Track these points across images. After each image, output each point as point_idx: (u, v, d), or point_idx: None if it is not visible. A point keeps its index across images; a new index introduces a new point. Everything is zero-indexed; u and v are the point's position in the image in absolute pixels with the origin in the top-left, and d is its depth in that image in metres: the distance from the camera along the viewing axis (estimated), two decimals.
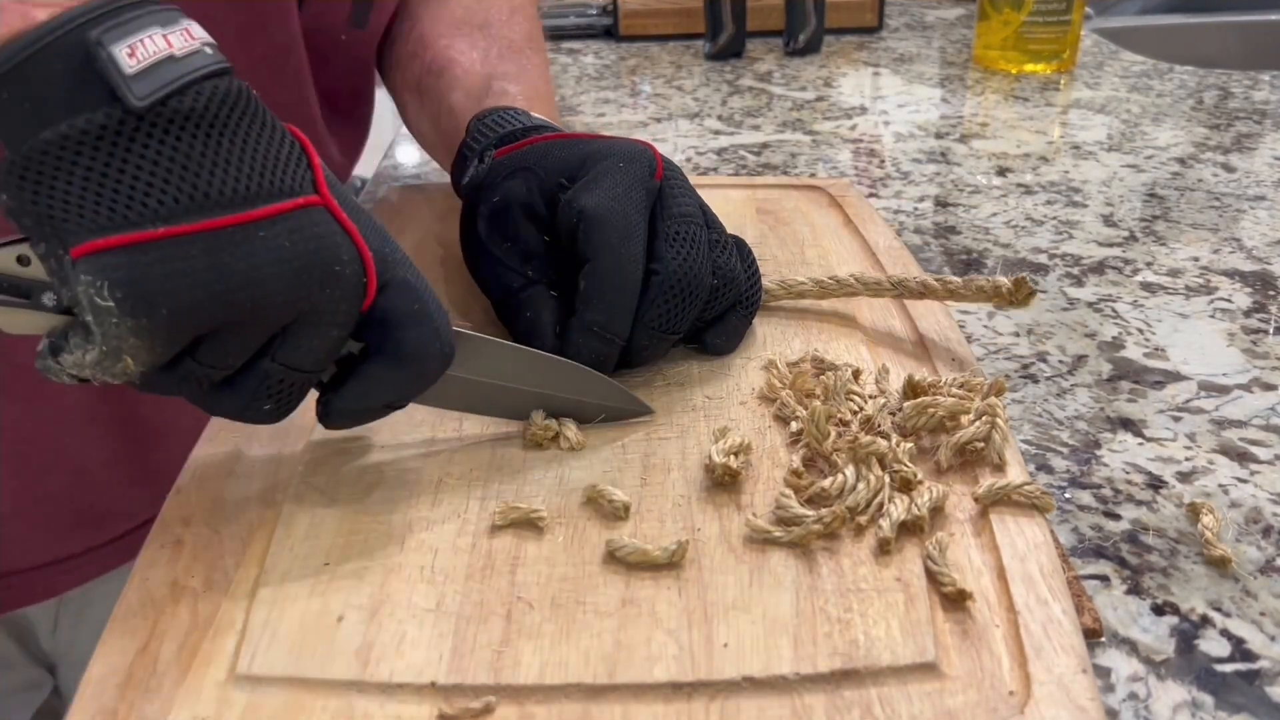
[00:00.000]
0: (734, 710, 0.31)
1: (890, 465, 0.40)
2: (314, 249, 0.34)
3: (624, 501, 0.39)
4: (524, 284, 0.48)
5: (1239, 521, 0.42)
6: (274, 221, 0.33)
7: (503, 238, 0.49)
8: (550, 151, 0.50)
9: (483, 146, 0.53)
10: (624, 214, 0.45)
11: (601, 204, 0.45)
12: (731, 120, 0.95)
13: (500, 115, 0.56)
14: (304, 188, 0.35)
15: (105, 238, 0.31)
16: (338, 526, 0.39)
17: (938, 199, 0.76)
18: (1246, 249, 0.66)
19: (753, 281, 0.50)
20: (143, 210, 0.31)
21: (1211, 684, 0.35)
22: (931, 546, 0.36)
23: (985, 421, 0.41)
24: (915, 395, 0.43)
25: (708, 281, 0.46)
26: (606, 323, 0.44)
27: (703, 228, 0.47)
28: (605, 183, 0.46)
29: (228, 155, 0.33)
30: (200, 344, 0.34)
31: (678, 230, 0.46)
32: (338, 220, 0.35)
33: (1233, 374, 0.52)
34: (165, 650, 0.33)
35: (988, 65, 1.10)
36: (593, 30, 1.28)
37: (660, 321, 0.45)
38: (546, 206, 0.48)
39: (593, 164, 0.48)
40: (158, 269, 0.31)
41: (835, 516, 0.37)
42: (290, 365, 0.36)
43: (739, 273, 0.48)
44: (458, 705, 0.31)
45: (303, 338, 0.35)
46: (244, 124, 0.34)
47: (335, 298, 0.35)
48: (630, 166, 0.47)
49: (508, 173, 0.50)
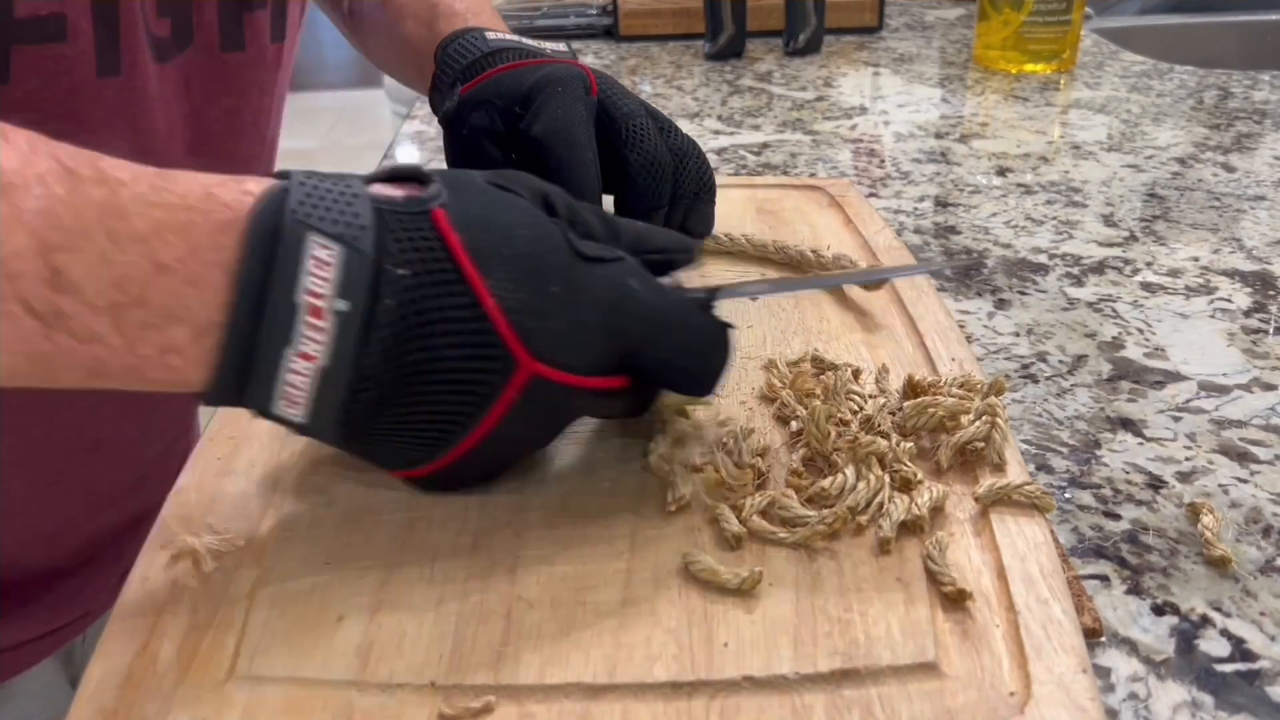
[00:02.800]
0: (734, 710, 0.31)
1: (890, 465, 0.40)
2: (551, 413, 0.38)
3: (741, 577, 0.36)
4: None
5: (1239, 521, 0.42)
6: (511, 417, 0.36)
7: (476, 163, 0.55)
8: (503, 83, 0.56)
9: (451, 79, 0.59)
10: (568, 130, 0.52)
11: (547, 126, 0.52)
12: (731, 120, 0.95)
13: (460, 43, 0.60)
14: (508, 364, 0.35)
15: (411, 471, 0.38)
16: (338, 526, 0.39)
17: (938, 199, 0.76)
18: (1246, 249, 0.66)
19: (704, 162, 0.57)
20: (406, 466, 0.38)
21: (1211, 684, 0.35)
22: (931, 546, 0.36)
23: (985, 421, 0.41)
24: (915, 395, 0.43)
25: (668, 155, 0.54)
26: None
27: (649, 117, 0.55)
28: (549, 107, 0.53)
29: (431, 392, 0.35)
30: None
31: (630, 125, 0.54)
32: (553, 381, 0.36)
33: (1233, 374, 0.52)
34: (165, 650, 0.33)
35: (988, 65, 1.10)
36: (593, 30, 1.28)
37: (646, 202, 0.53)
38: (507, 130, 0.55)
39: (537, 91, 0.54)
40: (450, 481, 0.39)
41: (838, 517, 0.37)
42: None
43: (694, 146, 0.57)
44: (457, 705, 0.31)
45: None
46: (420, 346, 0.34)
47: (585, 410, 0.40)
48: (567, 88, 0.54)
49: (472, 107, 0.56)
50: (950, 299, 0.60)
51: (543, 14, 1.27)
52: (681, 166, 0.56)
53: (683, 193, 0.56)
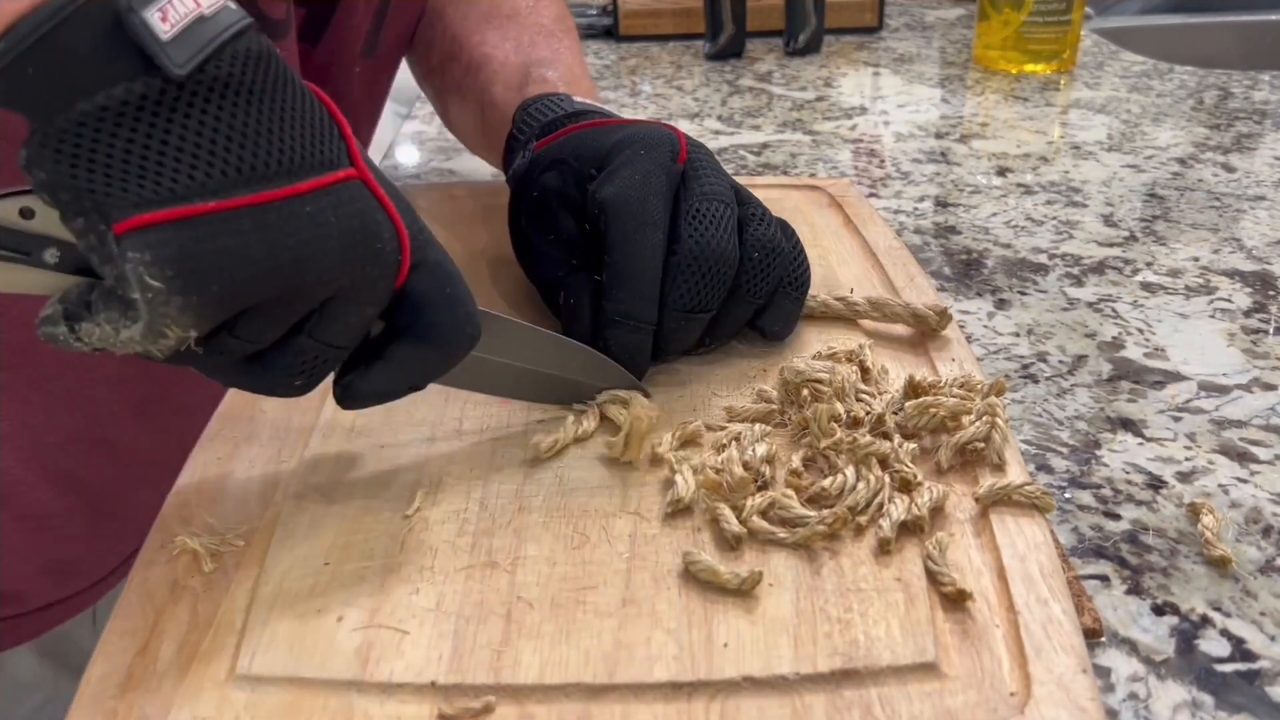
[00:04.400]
0: (734, 710, 0.31)
1: (891, 465, 0.40)
2: (358, 225, 0.34)
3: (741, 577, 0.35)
4: (567, 272, 0.48)
5: (1239, 521, 0.42)
6: (319, 195, 0.33)
7: (544, 229, 0.50)
8: (581, 142, 0.51)
9: (526, 137, 0.54)
10: (641, 200, 0.45)
11: (617, 194, 0.46)
12: (731, 120, 0.95)
13: (543, 103, 0.56)
14: (340, 159, 0.34)
15: (153, 212, 0.30)
16: (338, 526, 0.39)
17: (938, 199, 0.76)
18: (1246, 249, 0.66)
19: (798, 258, 0.49)
20: (189, 183, 0.30)
21: (1211, 684, 0.35)
22: (931, 546, 0.36)
23: (985, 422, 0.41)
24: (916, 395, 0.43)
25: (732, 255, 0.45)
26: (629, 311, 0.45)
27: (728, 205, 0.47)
28: (624, 172, 0.47)
29: (269, 123, 0.32)
30: (239, 319, 0.33)
31: (699, 208, 0.46)
32: (375, 195, 0.35)
33: (1233, 374, 0.52)
34: (165, 650, 0.33)
35: (988, 65, 1.10)
36: (593, 30, 1.28)
37: (684, 301, 0.45)
38: (582, 196, 0.49)
39: (617, 153, 0.48)
40: (209, 244, 0.31)
41: (837, 518, 0.37)
42: (325, 341, 0.35)
43: (780, 243, 0.48)
44: (458, 705, 0.31)
45: (340, 314, 0.35)
46: (279, 87, 0.33)
47: (374, 275, 0.35)
48: (651, 152, 0.47)
49: (545, 166, 0.51)
50: (950, 299, 0.60)
51: None
52: (767, 263, 0.47)
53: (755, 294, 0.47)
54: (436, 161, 0.87)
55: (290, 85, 0.33)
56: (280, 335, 0.35)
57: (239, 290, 0.32)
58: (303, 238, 0.32)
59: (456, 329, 0.37)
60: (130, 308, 0.31)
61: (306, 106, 0.34)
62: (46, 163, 0.30)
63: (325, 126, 0.34)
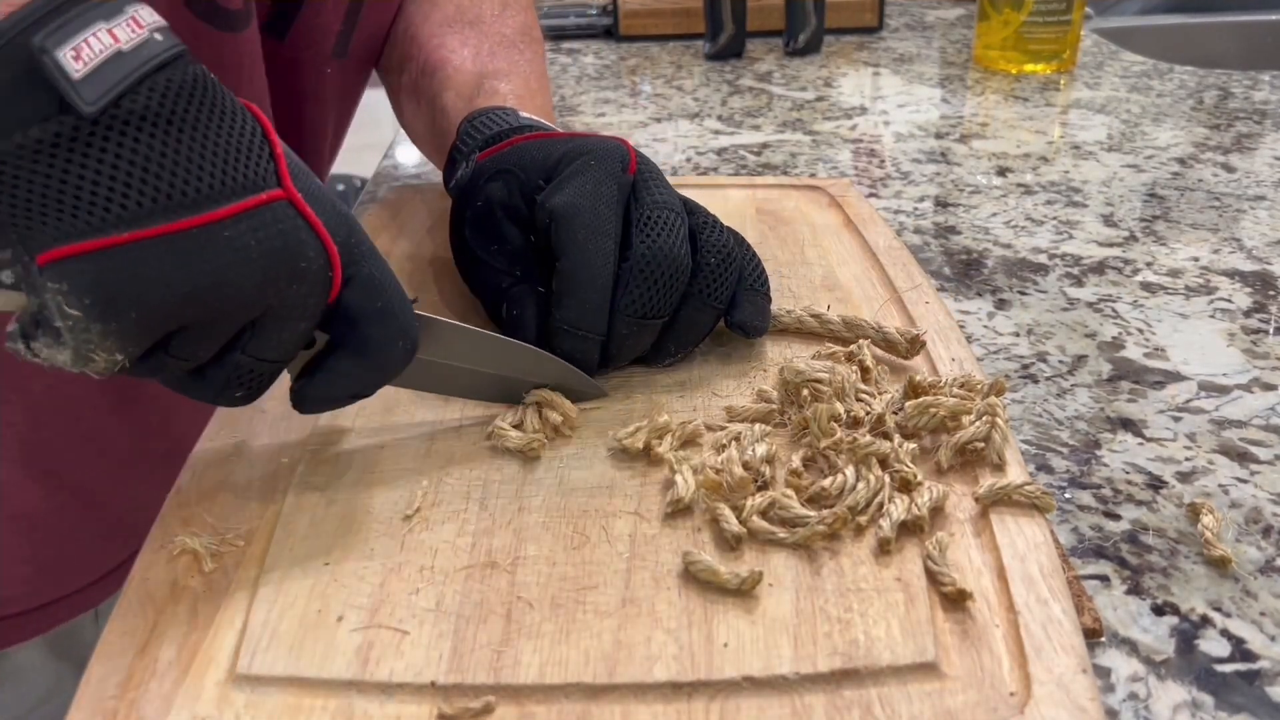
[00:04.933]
0: (734, 710, 0.31)
1: (891, 465, 0.40)
2: (280, 246, 0.34)
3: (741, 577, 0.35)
4: (511, 283, 0.48)
5: (1239, 521, 0.42)
6: (239, 219, 0.33)
7: (488, 239, 0.50)
8: (528, 152, 0.50)
9: (470, 148, 0.54)
10: (592, 210, 0.46)
11: (569, 202, 0.46)
12: (731, 120, 0.95)
13: (489, 116, 0.56)
14: (267, 180, 0.34)
15: (69, 245, 0.31)
16: (338, 526, 0.39)
17: (938, 199, 0.76)
18: (1246, 249, 0.66)
19: (753, 259, 0.50)
20: (105, 215, 0.31)
21: (1211, 684, 0.35)
22: (931, 546, 0.36)
23: (985, 421, 0.41)
24: (916, 395, 0.43)
25: (685, 261, 0.45)
26: (578, 320, 0.45)
27: (678, 214, 0.47)
28: (575, 181, 0.47)
29: (189, 152, 0.33)
30: (172, 338, 0.34)
31: (649, 216, 0.46)
32: (302, 214, 0.35)
33: (1233, 374, 0.52)
34: (165, 650, 0.33)
35: (988, 65, 1.10)
36: (593, 30, 1.28)
37: (635, 306, 0.45)
38: (528, 207, 0.49)
39: (566, 163, 0.48)
40: (124, 274, 0.31)
41: (837, 517, 0.37)
42: (259, 357, 0.36)
43: (733, 248, 0.48)
44: (457, 705, 0.31)
45: (270, 332, 0.36)
46: (203, 115, 0.33)
47: (302, 293, 0.35)
48: (602, 163, 0.47)
49: (489, 175, 0.50)
50: (950, 299, 0.60)
51: (543, 14, 1.27)
52: (722, 268, 0.47)
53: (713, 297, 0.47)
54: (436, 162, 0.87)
55: (218, 110, 0.34)
56: (215, 352, 0.36)
57: (158, 316, 0.33)
58: (221, 262, 0.33)
59: (390, 342, 0.38)
60: (59, 333, 0.32)
61: (235, 130, 0.34)
62: None
63: (254, 149, 0.34)
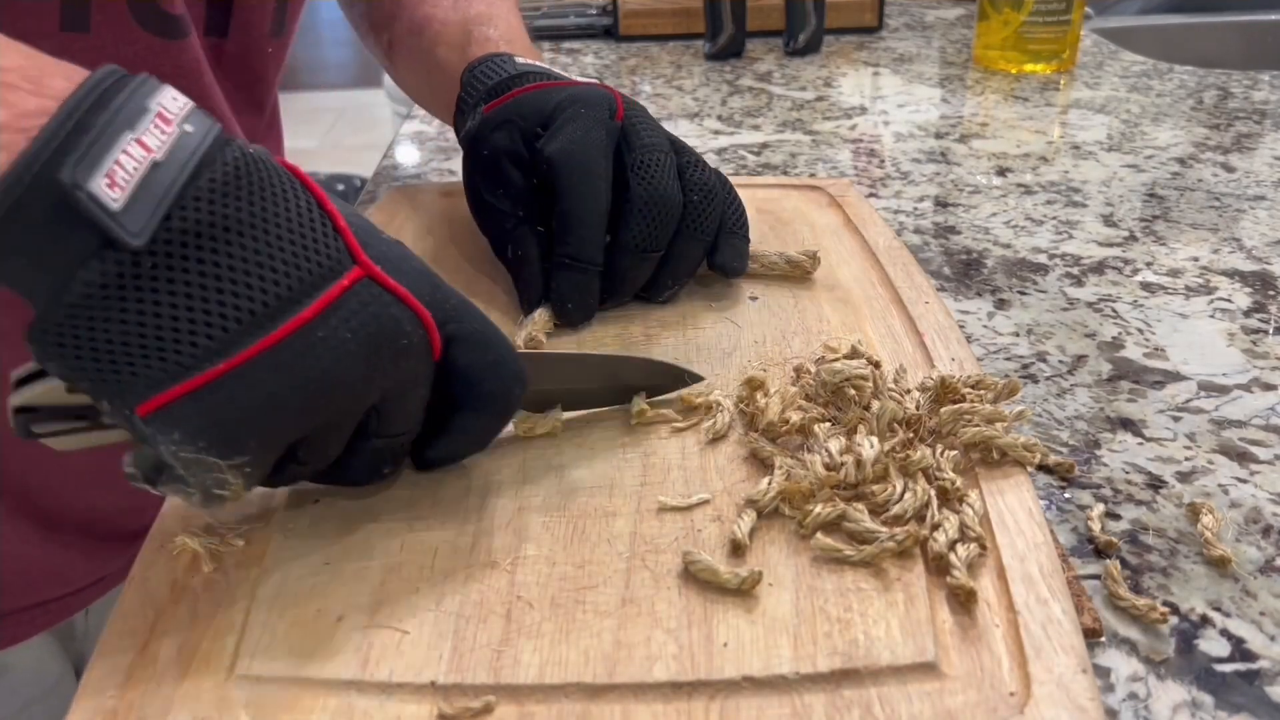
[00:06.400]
0: (734, 710, 0.31)
1: (933, 475, 0.39)
2: (376, 329, 0.33)
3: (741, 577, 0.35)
4: (515, 224, 0.53)
5: (1239, 521, 0.42)
6: (328, 314, 0.31)
7: (494, 184, 0.54)
8: (528, 102, 0.54)
9: (475, 100, 0.57)
10: (583, 153, 0.50)
11: (562, 148, 0.50)
12: (731, 120, 0.95)
13: (488, 65, 0.58)
14: (343, 261, 0.32)
15: (166, 391, 0.29)
16: (338, 526, 0.39)
17: (938, 199, 0.76)
18: (1246, 249, 0.66)
19: (733, 199, 0.54)
20: (193, 350, 0.29)
21: (1211, 684, 0.35)
22: (943, 542, 0.36)
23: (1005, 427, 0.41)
24: (945, 391, 0.43)
25: (677, 198, 0.50)
26: (577, 253, 0.50)
27: (667, 154, 0.52)
28: (568, 129, 0.51)
29: (256, 256, 0.30)
30: (297, 448, 0.33)
31: (642, 158, 0.51)
32: (387, 289, 0.33)
33: (1233, 374, 0.52)
34: (165, 650, 0.33)
35: (988, 65, 1.10)
36: (593, 30, 1.28)
37: (636, 241, 0.50)
38: (529, 152, 0.53)
39: (559, 112, 0.52)
40: (231, 406, 0.30)
41: (909, 535, 0.36)
42: (389, 435, 0.36)
43: (716, 186, 0.53)
44: (457, 705, 0.31)
45: (392, 411, 0.35)
46: (257, 207, 0.31)
47: (411, 367, 0.35)
48: (591, 110, 0.52)
49: (494, 125, 0.54)
50: (950, 299, 0.60)
51: (543, 14, 1.27)
52: (706, 204, 0.52)
53: (701, 231, 0.52)
54: (436, 161, 0.87)
55: (270, 194, 0.32)
56: (344, 446, 0.35)
57: (276, 436, 0.31)
58: (325, 365, 0.31)
59: (507, 393, 0.38)
60: (182, 479, 0.31)
61: (294, 212, 0.32)
62: (52, 357, 0.29)
63: (319, 227, 0.32)
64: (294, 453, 0.33)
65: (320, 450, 0.34)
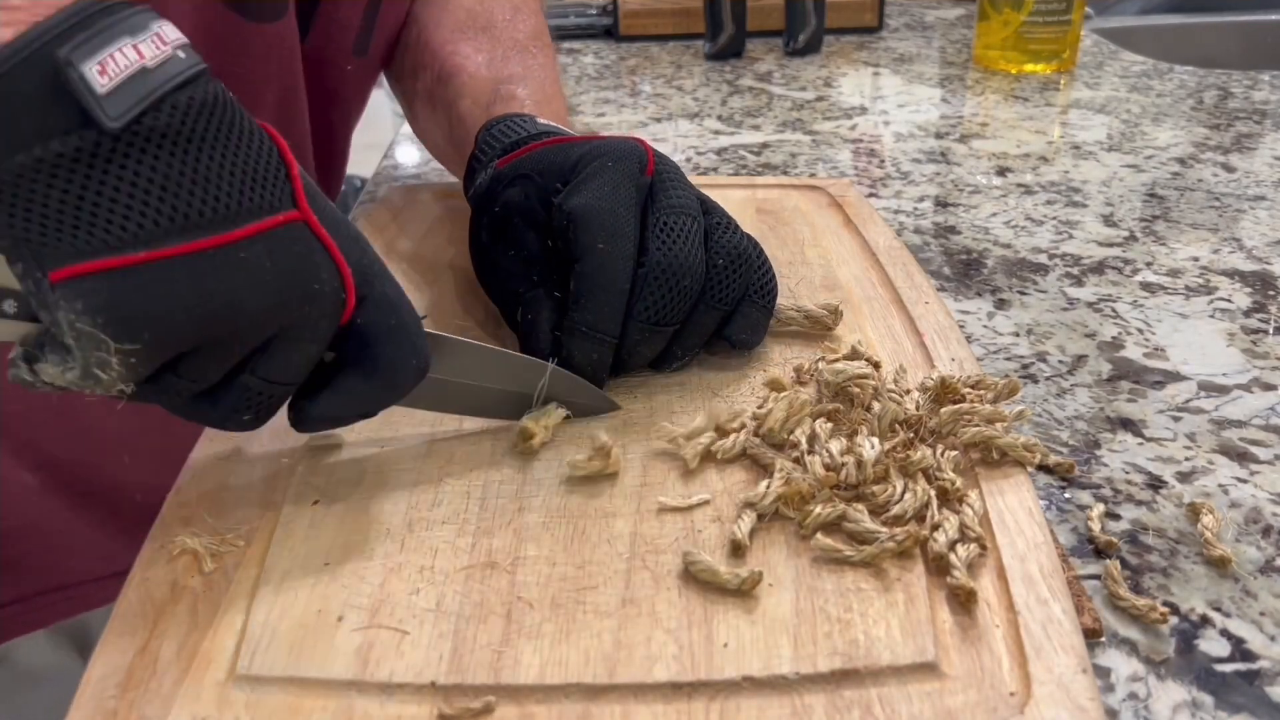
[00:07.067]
0: (734, 710, 0.31)
1: (934, 475, 0.39)
2: (294, 268, 0.34)
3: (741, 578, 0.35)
4: (527, 288, 0.48)
5: (1239, 521, 0.42)
6: (254, 240, 0.33)
7: (506, 245, 0.49)
8: (546, 157, 0.50)
9: (489, 158, 0.53)
10: (610, 212, 0.45)
11: (587, 204, 0.45)
12: (731, 120, 0.95)
13: (507, 124, 0.55)
14: (283, 202, 0.34)
15: (85, 262, 0.31)
16: (338, 526, 0.39)
17: (938, 199, 0.76)
18: (1246, 249, 0.66)
19: (764, 268, 0.49)
20: (122, 234, 0.31)
21: (1211, 684, 0.35)
22: (943, 544, 0.36)
23: (1005, 427, 0.41)
24: (945, 392, 0.43)
25: (699, 268, 0.45)
26: (595, 322, 0.44)
27: (694, 218, 0.46)
28: (593, 183, 0.46)
29: (206, 172, 0.32)
30: (181, 360, 0.34)
31: (666, 220, 0.46)
32: (317, 236, 0.35)
33: (1233, 374, 0.52)
34: (165, 650, 0.33)
35: (988, 65, 1.10)
36: (593, 30, 1.28)
37: (649, 314, 0.45)
38: (545, 211, 0.48)
39: (584, 165, 0.48)
40: (139, 294, 0.31)
41: (909, 535, 0.36)
42: (269, 379, 0.36)
43: (747, 251, 0.47)
44: (457, 705, 0.31)
45: (282, 353, 0.35)
46: (221, 135, 0.33)
47: (315, 315, 0.35)
48: (619, 164, 0.47)
49: (507, 181, 0.50)
50: (950, 299, 0.60)
51: (545, 12, 1.27)
52: (731, 271, 0.46)
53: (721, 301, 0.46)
54: (436, 162, 0.87)
55: (236, 130, 0.34)
56: (224, 374, 0.35)
57: (172, 336, 0.32)
58: (235, 283, 0.33)
59: (402, 362, 0.38)
60: (68, 351, 0.32)
61: (253, 151, 0.34)
62: None
63: (271, 170, 0.34)
64: (176, 366, 0.34)
65: (201, 368, 0.34)
